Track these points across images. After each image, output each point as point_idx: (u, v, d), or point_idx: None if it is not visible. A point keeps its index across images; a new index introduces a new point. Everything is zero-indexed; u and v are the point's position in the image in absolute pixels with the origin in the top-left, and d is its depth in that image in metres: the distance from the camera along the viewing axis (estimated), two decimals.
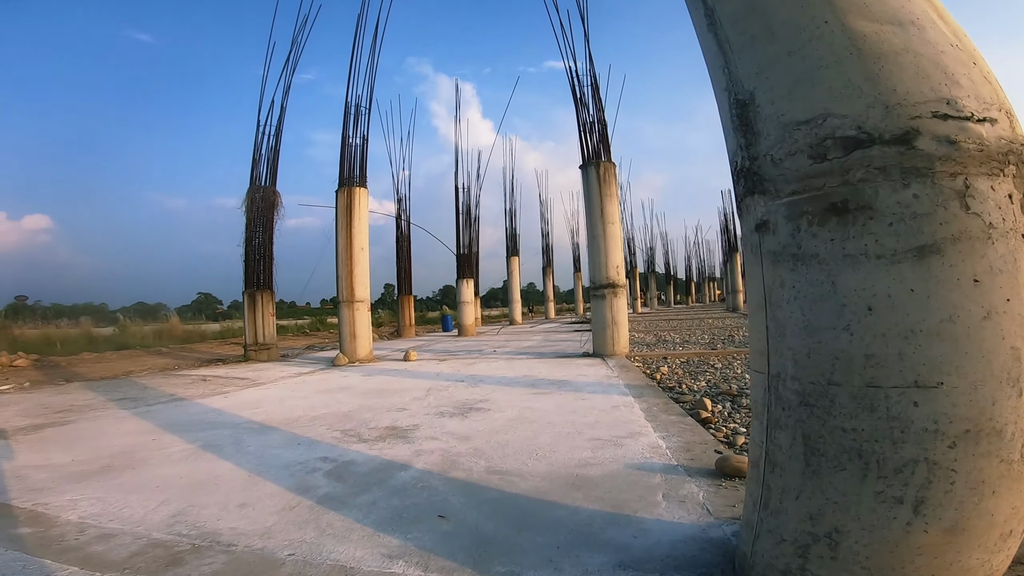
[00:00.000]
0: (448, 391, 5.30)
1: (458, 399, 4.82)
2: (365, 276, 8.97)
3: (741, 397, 4.50)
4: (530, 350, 9.46)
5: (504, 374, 6.40)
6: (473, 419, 3.97)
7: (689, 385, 5.19)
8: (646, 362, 7.04)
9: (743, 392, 4.69)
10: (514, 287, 22.74)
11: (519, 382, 5.68)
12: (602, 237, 7.84)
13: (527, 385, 5.44)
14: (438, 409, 4.41)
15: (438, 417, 4.10)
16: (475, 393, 5.09)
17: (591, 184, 8.14)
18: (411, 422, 3.96)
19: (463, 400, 4.75)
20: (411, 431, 3.67)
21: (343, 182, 9.26)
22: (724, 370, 6.12)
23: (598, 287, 7.78)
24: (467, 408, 4.39)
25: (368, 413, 4.38)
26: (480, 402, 4.62)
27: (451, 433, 3.56)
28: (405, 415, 4.23)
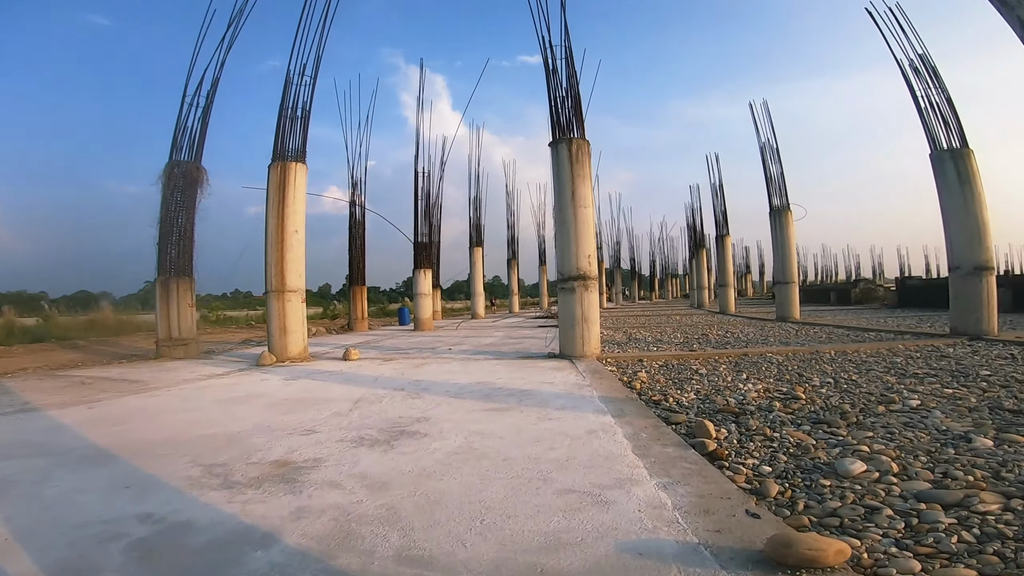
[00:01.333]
0: (381, 404, 4.22)
1: (390, 417, 3.76)
2: (299, 263, 7.75)
3: (746, 416, 3.60)
4: (490, 348, 8.44)
5: (456, 380, 5.36)
6: (401, 450, 2.92)
7: (677, 398, 4.28)
8: (620, 366, 6.13)
9: (746, 409, 3.80)
10: (477, 279, 21.69)
11: (472, 392, 4.66)
12: (572, 222, 6.87)
13: (481, 396, 4.42)
14: (359, 432, 3.34)
15: (353, 447, 3.03)
16: (414, 408, 4.04)
17: (561, 163, 7.15)
18: (313, 454, 2.89)
19: (396, 418, 3.69)
20: (306, 470, 2.60)
21: (277, 156, 7.99)
22: (711, 377, 5.26)
23: (567, 279, 6.81)
24: (397, 432, 3.33)
25: (262, 437, 3.28)
26: (417, 422, 3.57)
27: (362, 476, 2.51)
28: (310, 441, 3.14)
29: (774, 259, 13.67)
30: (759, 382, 4.89)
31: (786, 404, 3.94)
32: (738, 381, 4.99)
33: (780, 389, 4.55)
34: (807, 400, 4.05)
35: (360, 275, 15.31)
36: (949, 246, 8.04)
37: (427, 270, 14.34)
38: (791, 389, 4.50)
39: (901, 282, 19.49)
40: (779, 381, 4.95)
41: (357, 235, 15.55)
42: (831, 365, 5.78)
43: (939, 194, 8.15)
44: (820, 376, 5.11)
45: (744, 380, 5.02)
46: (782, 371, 5.48)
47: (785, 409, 3.78)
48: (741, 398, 4.19)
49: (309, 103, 8.48)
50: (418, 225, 14.96)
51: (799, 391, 4.42)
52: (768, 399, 4.16)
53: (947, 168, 7.99)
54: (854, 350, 6.99)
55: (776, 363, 6.03)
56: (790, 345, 7.75)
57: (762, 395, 4.32)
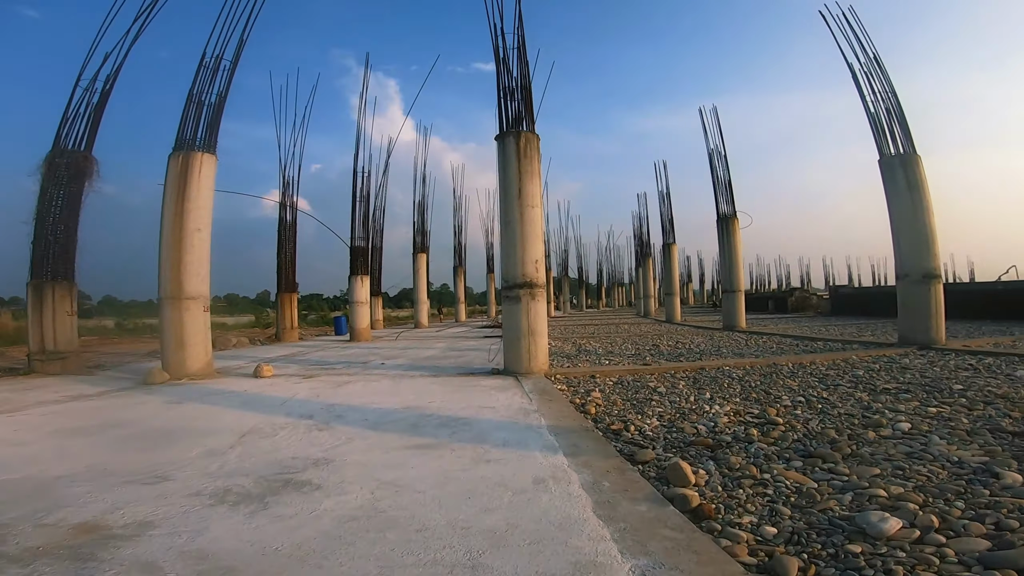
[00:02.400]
0: (275, 438, 3.34)
1: (280, 457, 2.91)
2: (202, 266, 6.67)
3: (724, 450, 3.00)
4: (428, 362, 7.61)
5: (380, 404, 4.52)
6: (276, 512, 2.10)
7: (638, 425, 3.65)
8: (571, 383, 5.49)
9: (720, 439, 3.21)
10: (421, 287, 20.70)
11: (396, 420, 3.85)
12: (519, 222, 6.20)
13: (406, 427, 3.62)
14: (227, 482, 2.48)
15: (210, 504, 2.20)
16: (317, 443, 3.19)
17: (508, 157, 6.48)
18: (144, 514, 2.03)
19: (287, 460, 2.84)
20: (119, 541, 1.74)
21: (180, 144, 6.91)
22: (672, 396, 4.69)
23: (512, 287, 6.11)
24: (282, 481, 2.50)
25: (85, 485, 2.37)
26: (315, 466, 2.74)
27: (200, 555, 1.71)
28: (150, 494, 2.26)
29: (721, 267, 13.59)
30: (726, 403, 4.35)
31: (764, 431, 3.38)
32: (702, 401, 4.43)
33: (751, 411, 4.01)
34: (786, 426, 3.51)
35: (290, 282, 14.03)
36: (898, 253, 7.97)
37: (364, 276, 13.28)
38: (763, 411, 3.98)
39: (834, 291, 20.17)
40: (747, 401, 4.43)
41: (287, 238, 14.28)
42: (794, 380, 5.37)
43: (888, 201, 8.08)
44: (788, 394, 4.64)
45: (709, 400, 4.47)
46: (746, 388, 5.00)
47: (765, 439, 3.22)
48: (711, 424, 3.61)
49: (225, 90, 7.45)
50: (355, 228, 13.88)
51: (772, 413, 3.90)
52: (742, 425, 3.60)
53: (896, 174, 7.93)
54: (810, 361, 6.68)
55: (736, 378, 5.57)
56: (745, 357, 7.38)
57: (734, 419, 3.77)
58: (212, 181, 7.07)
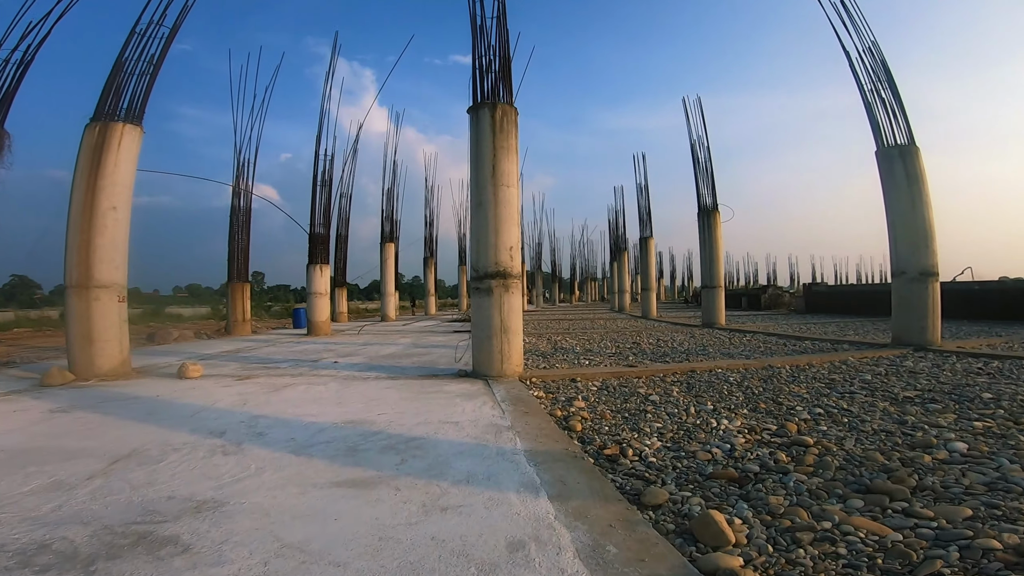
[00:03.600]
0: (162, 464, 2.50)
1: (152, 496, 2.08)
2: (116, 250, 5.69)
3: (756, 485, 2.31)
4: (388, 361, 6.78)
5: (317, 416, 3.69)
6: None
7: (637, 448, 2.94)
8: (550, 389, 4.76)
9: (746, 468, 2.53)
10: (388, 278, 19.69)
11: (331, 439, 3.04)
12: (492, 204, 5.42)
13: (342, 451, 2.82)
14: (50, 535, 1.66)
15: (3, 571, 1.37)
16: (214, 474, 2.36)
17: (482, 131, 5.68)
18: None
19: (160, 501, 2.02)
20: None
21: (100, 115, 5.90)
22: (668, 406, 4.01)
23: (483, 277, 5.34)
24: (134, 538, 1.68)
25: None
26: (195, 512, 1.93)
27: None
28: None
29: (701, 262, 13.08)
30: (734, 416, 3.68)
31: (795, 456, 2.72)
32: (705, 414, 3.76)
33: (767, 427, 3.36)
34: (819, 448, 2.86)
35: (242, 270, 12.89)
36: (894, 249, 7.50)
37: (323, 266, 12.28)
38: (783, 427, 3.33)
39: (808, 289, 20.06)
40: (757, 413, 3.78)
41: (240, 225, 13.14)
42: (798, 385, 4.76)
43: (885, 194, 7.61)
44: (801, 403, 4.02)
45: (713, 412, 3.80)
46: (750, 396, 4.36)
47: (802, 467, 2.55)
48: (727, 446, 2.93)
49: (159, 56, 6.45)
50: (315, 214, 12.85)
51: (794, 430, 3.25)
52: (764, 446, 2.93)
53: (895, 166, 7.45)
54: (807, 363, 6.13)
55: (734, 383, 4.94)
56: (735, 358, 6.79)
57: (751, 439, 3.10)
58: (135, 155, 6.08)
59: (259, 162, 13.07)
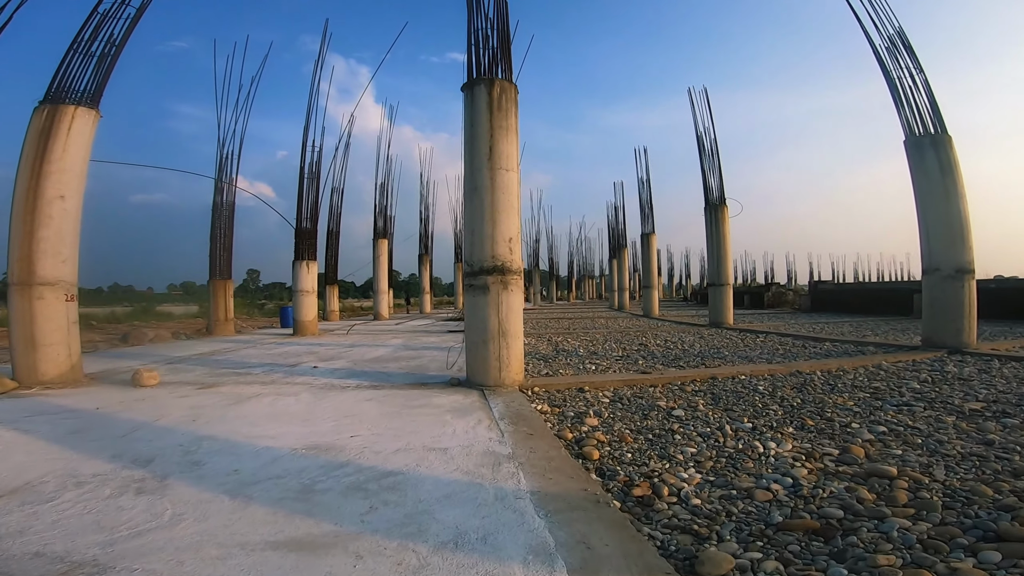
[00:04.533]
0: (48, 507, 1.86)
1: (5, 556, 1.44)
2: (63, 243, 5.04)
3: (847, 537, 1.69)
4: (373, 366, 6.14)
5: (276, 438, 3.06)
6: None
7: (673, 484, 2.32)
8: (555, 402, 4.14)
9: (827, 515, 1.91)
10: (381, 275, 19.02)
11: (283, 474, 2.40)
12: (488, 189, 4.78)
13: (292, 493, 2.18)
14: None
15: None
16: (110, 524, 1.72)
17: (478, 110, 5.04)
18: None
19: (21, 561, 1.39)
20: None
21: (50, 96, 5.26)
22: (697, 423, 3.40)
23: (478, 272, 4.70)
24: None
25: None
26: None
27: None
28: None
29: (708, 258, 12.48)
30: (781, 436, 3.07)
31: (882, 492, 2.12)
32: (744, 433, 3.15)
33: (827, 451, 2.75)
34: (906, 479, 2.25)
35: (224, 267, 12.22)
36: (925, 245, 6.91)
37: (310, 262, 11.61)
38: (846, 450, 2.73)
39: (814, 287, 19.51)
40: (804, 431, 3.17)
41: (223, 217, 12.46)
42: (841, 395, 4.16)
43: (915, 186, 7.02)
44: (856, 419, 3.40)
45: (753, 432, 3.19)
46: (788, 408, 3.75)
47: (897, 508, 1.95)
48: (788, 481, 2.31)
49: (122, 38, 5.80)
50: (303, 208, 12.19)
51: (861, 455, 2.65)
52: (834, 478, 2.32)
53: (926, 156, 6.86)
54: (837, 368, 5.54)
55: (765, 392, 4.33)
56: (755, 362, 6.19)
57: (813, 468, 2.49)
58: (87, 140, 5.43)
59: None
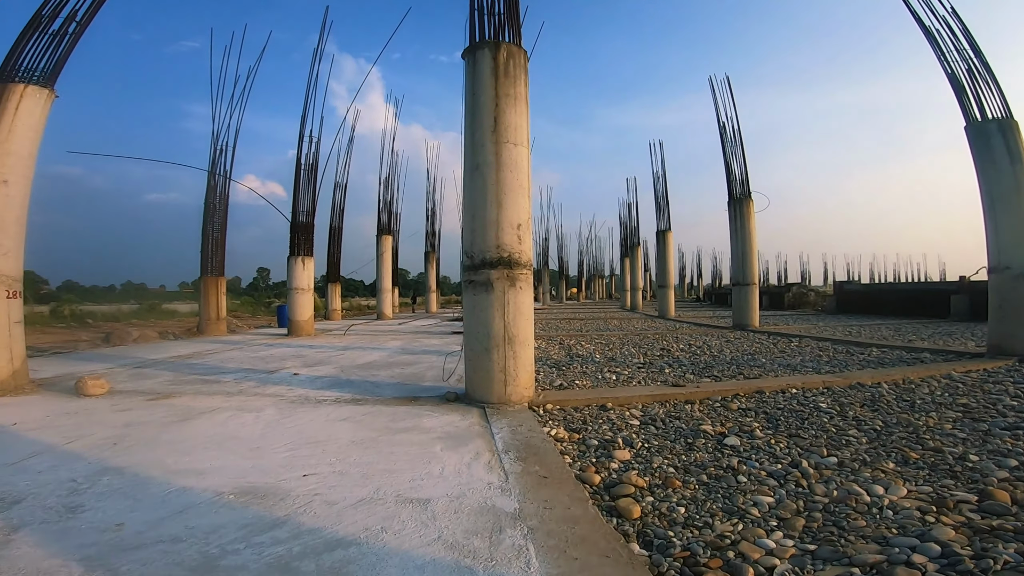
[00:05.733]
0: None
1: None
2: (5, 234, 4.41)
3: None
4: (363, 372, 5.40)
5: (206, 474, 2.30)
6: None
7: (759, 560, 1.53)
8: (573, 427, 3.35)
9: None
10: (385, 273, 18.32)
11: (184, 538, 1.63)
12: (492, 167, 4.01)
13: (188, 568, 1.43)
14: None
15: None
16: None
17: (481, 76, 4.26)
18: None
19: None
20: None
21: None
22: (759, 456, 2.61)
23: (479, 266, 3.92)
24: None
25: None
26: None
27: None
28: None
29: (732, 256, 11.61)
30: (882, 474, 2.27)
31: None
32: (829, 470, 2.35)
33: (960, 497, 1.95)
34: None
35: (217, 264, 11.56)
36: (993, 240, 6.03)
37: (306, 258, 10.91)
38: (988, 494, 1.94)
39: (839, 287, 18.53)
40: (909, 466, 2.36)
41: (216, 211, 11.80)
42: (929, 416, 3.33)
43: (980, 176, 6.17)
44: (972, 449, 2.58)
45: (841, 468, 2.38)
46: (870, 433, 2.94)
47: None
48: (936, 552, 1.51)
49: (88, 16, 5.14)
50: (298, 201, 11.49)
51: (1003, 499, 1.85)
52: (993, 539, 1.51)
53: (994, 143, 6.00)
54: (901, 378, 4.72)
55: (832, 412, 3.52)
56: (801, 372, 5.37)
57: (955, 524, 1.68)
58: (38, 121, 4.78)
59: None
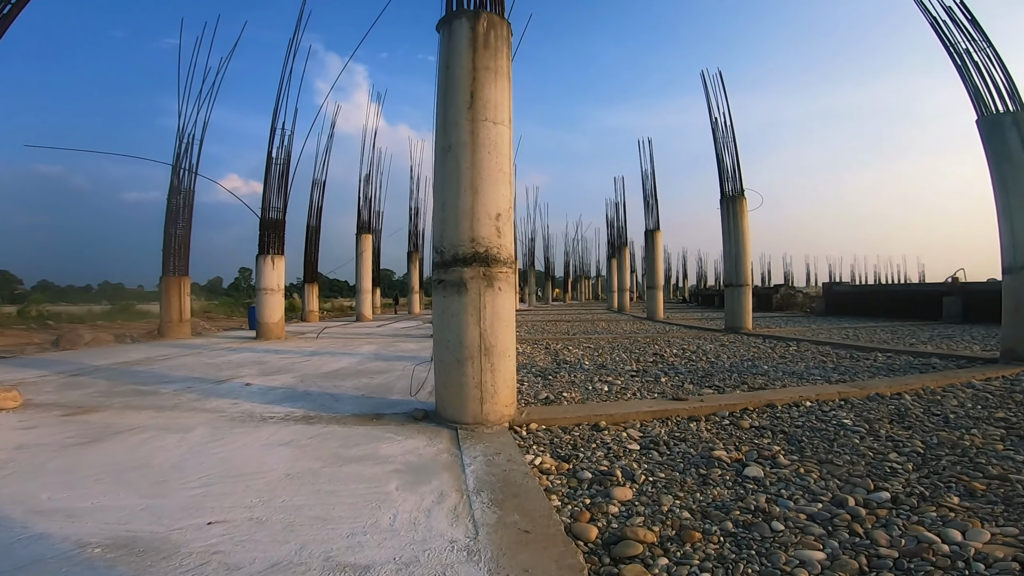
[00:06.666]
0: None
1: None
2: None
3: None
4: (324, 382, 4.82)
5: (71, 520, 1.72)
6: None
7: None
8: (561, 450, 2.82)
9: None
10: (364, 273, 17.65)
11: None
12: (467, 148, 3.45)
13: None
14: None
15: None
16: None
17: (456, 47, 3.71)
18: None
19: None
20: None
21: None
22: (788, 488, 2.11)
23: (451, 262, 3.34)
24: None
25: None
26: None
27: None
28: None
29: (725, 257, 11.18)
30: (952, 514, 1.77)
31: None
32: (881, 507, 1.84)
33: None
34: None
35: (180, 262, 10.82)
36: (1009, 238, 5.66)
37: (276, 257, 10.24)
38: None
39: (828, 289, 18.30)
40: (976, 499, 1.89)
41: (181, 206, 11.08)
42: (969, 433, 2.87)
43: (993, 170, 5.80)
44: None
45: (896, 505, 1.88)
46: (916, 459, 2.47)
47: None
48: None
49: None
50: (268, 196, 10.82)
51: None
52: None
53: (1008, 136, 5.65)
54: (920, 387, 4.29)
55: (858, 429, 3.05)
56: (811, 381, 4.93)
57: None
58: None
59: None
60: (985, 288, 12.41)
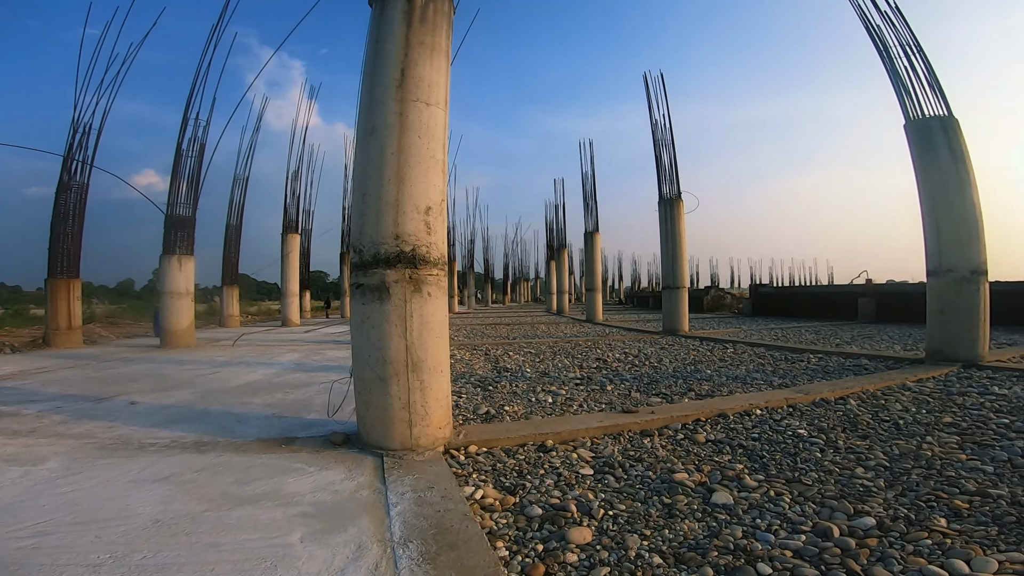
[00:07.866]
0: None
1: None
2: None
3: None
4: (230, 399, 4.18)
5: None
6: None
7: None
8: (504, 480, 2.45)
9: None
10: (291, 275, 16.54)
11: None
12: (394, 131, 3.00)
13: None
14: None
15: None
16: None
17: (387, 23, 3.24)
18: None
19: None
20: None
21: None
22: (763, 515, 1.84)
23: (371, 263, 2.85)
24: None
25: None
26: None
27: None
28: None
29: (663, 259, 11.27)
30: (948, 541, 1.55)
31: None
32: (868, 535, 1.60)
33: None
34: None
35: (70, 263, 9.51)
36: (933, 243, 5.88)
37: (183, 257, 9.21)
38: None
39: (755, 290, 19.14)
40: (963, 519, 1.67)
41: (73, 202, 9.76)
42: (927, 441, 2.76)
43: (919, 176, 6.02)
44: (1019, 485, 1.97)
45: (884, 532, 1.64)
46: (884, 473, 2.29)
47: None
48: None
49: None
50: (177, 191, 9.74)
51: None
52: None
53: (936, 142, 5.86)
54: (859, 391, 4.28)
55: (815, 440, 2.88)
56: (755, 386, 4.85)
57: None
58: None
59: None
60: (897, 290, 13.32)
